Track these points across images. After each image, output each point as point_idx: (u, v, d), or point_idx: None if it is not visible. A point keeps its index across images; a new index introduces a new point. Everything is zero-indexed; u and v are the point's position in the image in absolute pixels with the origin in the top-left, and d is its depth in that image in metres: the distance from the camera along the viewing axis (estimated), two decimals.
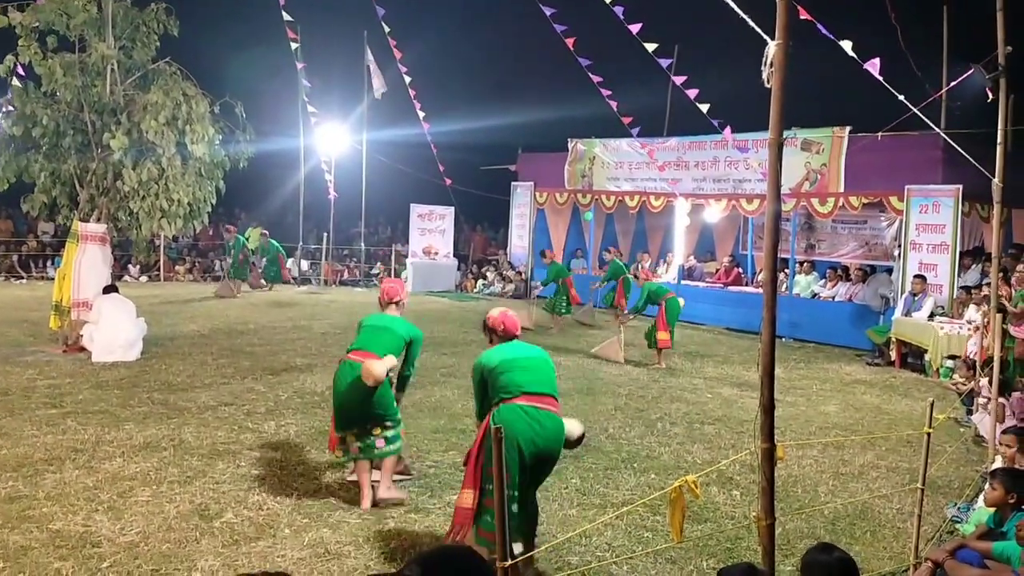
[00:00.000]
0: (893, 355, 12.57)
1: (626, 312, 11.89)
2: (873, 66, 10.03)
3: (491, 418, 4.52)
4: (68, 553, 4.73)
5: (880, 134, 13.30)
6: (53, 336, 10.96)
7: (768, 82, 3.65)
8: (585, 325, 14.84)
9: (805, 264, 16.06)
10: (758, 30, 3.97)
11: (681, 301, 11.91)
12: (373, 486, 5.76)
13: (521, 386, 4.57)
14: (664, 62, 12.06)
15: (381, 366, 5.56)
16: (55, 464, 6.24)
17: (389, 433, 5.80)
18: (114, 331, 10.26)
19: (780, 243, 3.80)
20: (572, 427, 4.76)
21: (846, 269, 15.60)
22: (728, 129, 12.43)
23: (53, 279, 12.55)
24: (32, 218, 14.51)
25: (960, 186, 12.53)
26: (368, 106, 21.52)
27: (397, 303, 6.15)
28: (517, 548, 4.37)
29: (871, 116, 13.48)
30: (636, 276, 13.14)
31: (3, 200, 18.21)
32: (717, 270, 17.93)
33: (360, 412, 5.68)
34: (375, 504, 5.67)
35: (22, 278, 19.55)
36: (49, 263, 19.78)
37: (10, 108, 10.90)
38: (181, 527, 5.18)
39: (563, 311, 14.63)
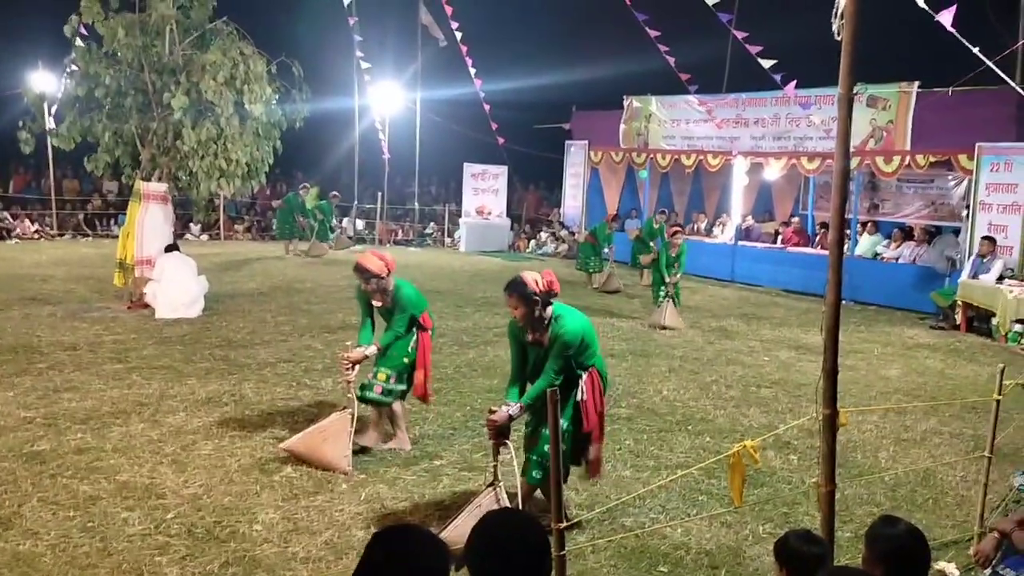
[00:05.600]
0: (958, 319, 12.20)
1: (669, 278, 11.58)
2: (946, 16, 9.61)
3: (599, 373, 4.71)
4: (135, 504, 4.89)
5: (951, 89, 12.78)
6: (118, 293, 11.25)
7: (839, 35, 3.50)
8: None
9: (868, 224, 15.62)
10: None
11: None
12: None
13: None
14: (724, 17, 11.73)
15: None
16: (121, 417, 6.44)
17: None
18: (177, 289, 10.50)
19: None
20: None
21: (910, 230, 15.14)
22: (792, 85, 12.07)
23: (117, 237, 12.86)
24: (97, 177, 14.85)
25: None
26: (422, 64, 21.43)
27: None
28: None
29: (941, 70, 12.95)
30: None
31: (69, 159, 18.67)
32: (777, 231, 17.56)
33: None
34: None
35: (88, 235, 20.11)
36: (113, 221, 20.30)
37: (74, 68, 11.09)
38: (242, 480, 5.31)
39: (597, 268, 14.73)
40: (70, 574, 4.05)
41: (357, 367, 5.67)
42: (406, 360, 5.91)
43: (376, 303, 5.85)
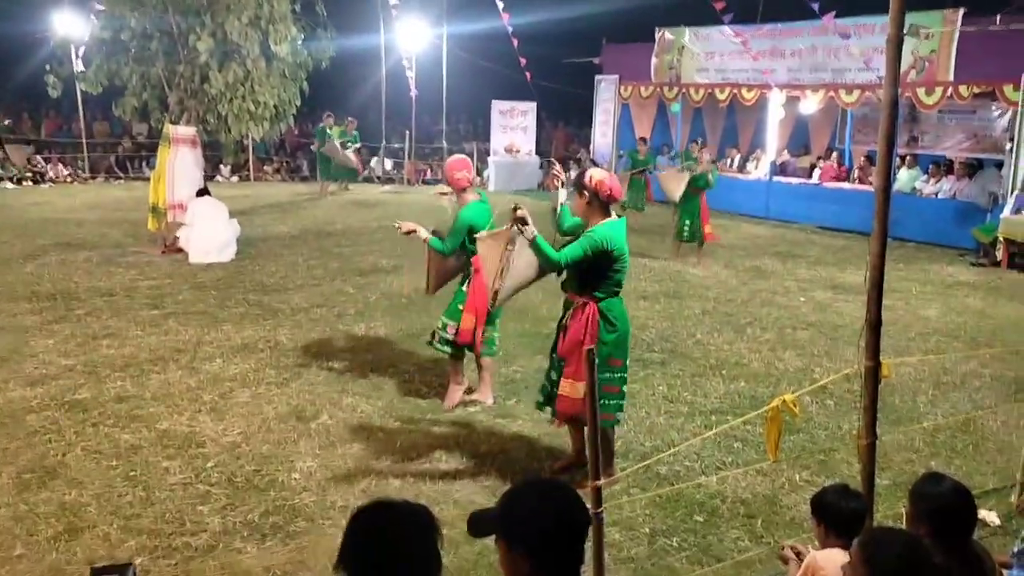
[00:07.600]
0: (1000, 255, 11.93)
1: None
2: None
3: (610, 310, 4.53)
4: (175, 452, 4.97)
5: (998, 16, 12.26)
6: (152, 237, 11.32)
7: None
8: None
9: (908, 158, 15.21)
10: None
11: None
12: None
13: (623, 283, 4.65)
14: None
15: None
16: (159, 364, 6.53)
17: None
18: (209, 233, 10.55)
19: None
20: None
21: (950, 164, 14.71)
22: (830, 14, 11.63)
23: (149, 179, 12.89)
24: (127, 120, 14.83)
25: None
26: None
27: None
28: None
29: None
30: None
31: (98, 102, 18.66)
32: (813, 166, 17.16)
33: None
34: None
35: (120, 178, 20.22)
36: (145, 164, 20.34)
37: (100, 9, 10.99)
38: (279, 428, 5.38)
39: (639, 207, 14.46)
40: (115, 524, 4.15)
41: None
42: (460, 307, 5.75)
43: None
